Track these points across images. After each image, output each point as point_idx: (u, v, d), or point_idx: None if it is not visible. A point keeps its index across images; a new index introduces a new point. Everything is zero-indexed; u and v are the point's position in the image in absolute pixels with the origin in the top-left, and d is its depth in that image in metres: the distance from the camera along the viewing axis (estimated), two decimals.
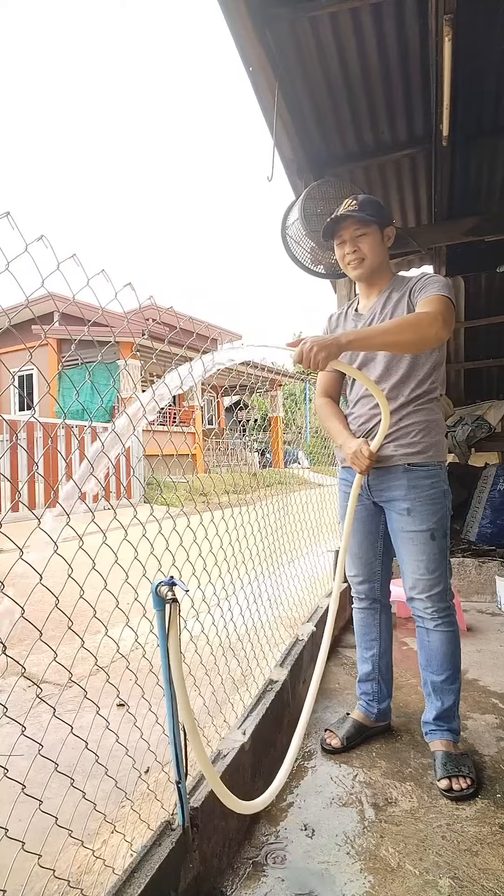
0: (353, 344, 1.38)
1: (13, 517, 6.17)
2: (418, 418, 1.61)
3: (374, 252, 1.65)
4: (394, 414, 1.62)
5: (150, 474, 9.75)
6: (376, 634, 1.82)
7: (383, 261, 1.68)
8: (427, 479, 1.60)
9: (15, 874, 1.10)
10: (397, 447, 1.61)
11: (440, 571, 1.60)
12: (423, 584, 1.61)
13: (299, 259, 2.84)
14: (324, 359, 1.33)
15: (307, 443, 9.76)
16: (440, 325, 1.43)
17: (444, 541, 1.61)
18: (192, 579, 1.25)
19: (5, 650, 0.83)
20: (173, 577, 0.99)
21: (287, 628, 2.32)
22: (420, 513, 1.60)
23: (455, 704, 1.63)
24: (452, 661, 1.63)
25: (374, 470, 1.65)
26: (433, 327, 1.43)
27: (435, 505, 1.60)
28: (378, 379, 1.65)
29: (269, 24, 2.24)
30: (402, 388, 1.62)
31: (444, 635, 1.62)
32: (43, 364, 11.81)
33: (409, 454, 1.60)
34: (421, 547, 1.60)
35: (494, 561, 3.37)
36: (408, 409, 1.62)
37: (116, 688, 1.13)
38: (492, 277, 4.73)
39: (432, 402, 1.64)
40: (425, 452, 1.60)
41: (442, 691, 1.62)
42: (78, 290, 0.90)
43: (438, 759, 1.56)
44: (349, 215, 1.61)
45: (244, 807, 1.14)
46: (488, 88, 2.83)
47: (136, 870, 0.94)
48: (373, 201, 1.66)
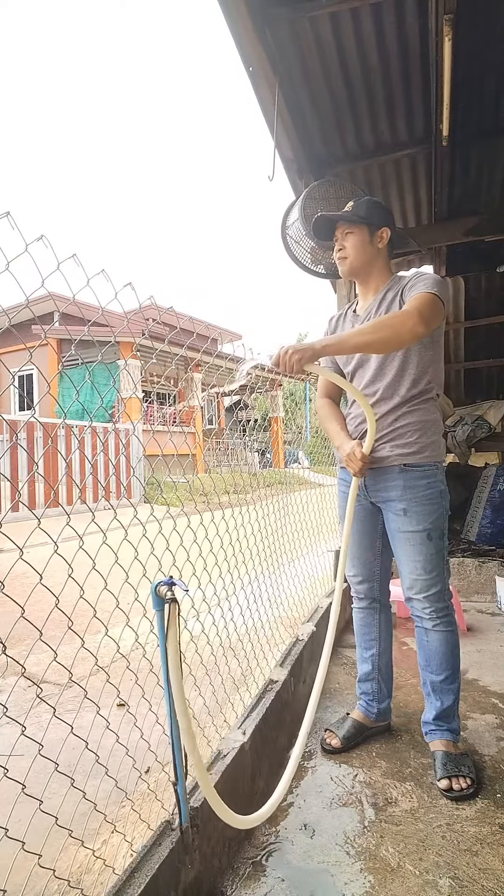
0: (328, 348, 1.43)
1: (13, 517, 6.17)
2: (414, 419, 1.60)
3: (356, 251, 1.66)
4: (389, 414, 1.62)
5: (151, 474, 9.75)
6: (376, 634, 1.82)
7: (370, 260, 1.68)
8: (423, 480, 1.59)
9: (15, 874, 1.10)
10: (393, 448, 1.61)
11: (437, 572, 1.60)
12: (421, 585, 1.61)
13: (299, 259, 2.84)
14: (297, 361, 1.39)
15: (307, 443, 9.76)
16: (416, 321, 1.42)
17: (441, 541, 1.61)
18: (193, 579, 1.25)
19: (5, 650, 0.83)
20: (173, 577, 0.99)
21: (287, 628, 2.32)
22: (416, 513, 1.59)
23: (455, 704, 1.63)
24: (451, 661, 1.62)
25: (371, 470, 1.65)
26: (408, 324, 1.43)
27: (431, 505, 1.59)
28: (372, 379, 1.65)
29: (269, 24, 2.24)
30: (397, 387, 1.62)
31: (443, 635, 1.62)
32: (43, 364, 11.82)
33: (404, 455, 1.60)
34: (418, 547, 1.60)
35: (494, 561, 3.37)
36: (403, 409, 1.61)
37: (116, 688, 1.13)
38: (492, 277, 4.73)
39: (428, 401, 1.62)
40: (421, 453, 1.59)
41: (441, 691, 1.62)
42: (78, 290, 0.90)
43: (438, 759, 1.56)
44: (340, 216, 1.67)
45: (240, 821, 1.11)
46: (488, 88, 2.83)
47: (136, 870, 0.94)
48: (368, 202, 1.68)
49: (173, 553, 1.23)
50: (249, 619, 1.83)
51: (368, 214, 1.65)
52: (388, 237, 1.68)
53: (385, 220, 1.68)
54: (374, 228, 1.66)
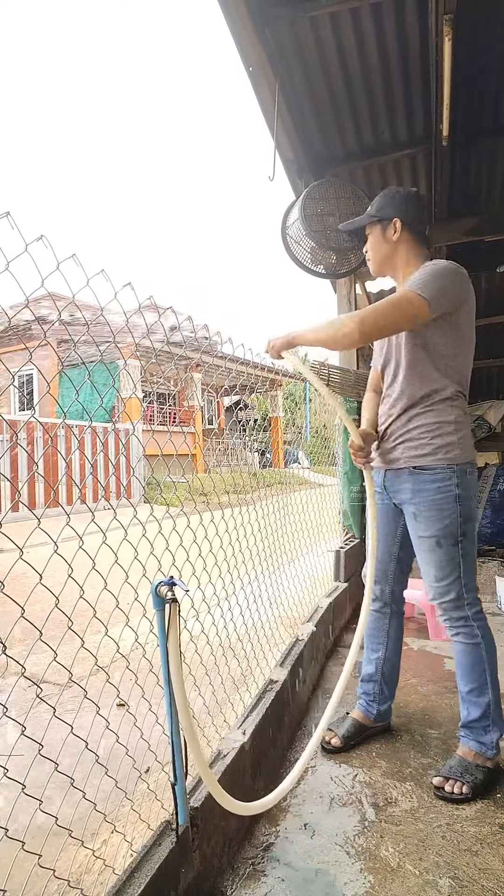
0: (297, 339, 1.54)
1: (13, 517, 6.17)
2: (426, 420, 1.54)
3: (373, 250, 1.67)
4: (403, 416, 1.60)
5: (150, 474, 9.75)
6: (383, 639, 1.78)
7: (388, 255, 1.64)
8: (432, 483, 1.53)
9: (15, 874, 1.10)
10: (404, 450, 1.58)
11: (450, 580, 1.54)
12: (434, 592, 1.58)
13: (299, 259, 2.84)
14: (273, 349, 1.57)
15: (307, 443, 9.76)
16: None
17: (455, 548, 1.53)
18: (192, 579, 1.25)
19: (5, 650, 0.83)
20: (173, 577, 0.99)
21: (287, 628, 2.32)
22: (426, 518, 1.55)
23: (485, 717, 1.53)
24: (475, 675, 1.54)
25: (389, 471, 1.65)
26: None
27: (442, 511, 1.52)
28: (392, 378, 1.63)
29: (269, 24, 2.24)
30: (408, 387, 1.57)
31: (463, 647, 1.56)
32: (43, 364, 11.81)
33: (413, 457, 1.56)
34: (428, 554, 1.56)
35: (494, 561, 3.38)
36: (415, 410, 1.56)
37: (116, 688, 1.13)
38: (492, 277, 4.73)
39: (444, 401, 1.53)
40: (432, 455, 1.53)
41: (468, 702, 1.56)
42: (78, 290, 0.90)
43: (451, 760, 1.55)
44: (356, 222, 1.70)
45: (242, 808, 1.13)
46: (488, 88, 2.83)
47: (136, 870, 0.94)
48: (381, 196, 1.66)
49: (173, 553, 1.23)
50: (249, 619, 1.82)
51: (379, 209, 1.63)
52: (400, 227, 1.61)
53: (396, 211, 1.62)
54: (385, 223, 1.63)
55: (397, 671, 1.82)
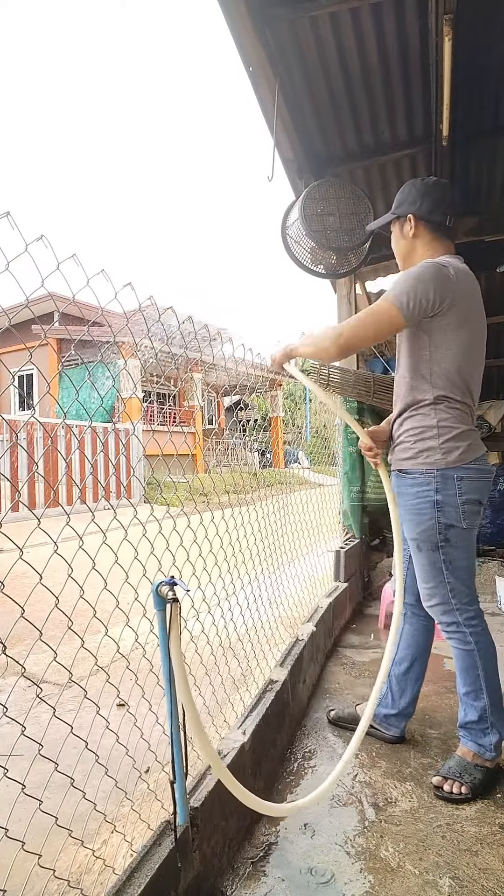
0: (294, 352, 1.57)
1: (13, 517, 6.17)
2: (411, 424, 1.56)
3: (395, 249, 1.67)
4: (397, 419, 1.62)
5: (150, 474, 9.76)
6: (398, 640, 1.75)
7: (408, 252, 1.61)
8: (412, 488, 1.53)
9: (15, 874, 1.10)
10: (396, 453, 1.62)
11: (432, 585, 1.54)
12: (422, 594, 1.60)
13: (299, 259, 2.84)
14: (275, 362, 1.62)
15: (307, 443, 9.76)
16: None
17: (435, 553, 1.51)
18: (193, 579, 1.25)
19: (5, 650, 0.83)
20: (174, 577, 0.99)
21: (287, 628, 2.32)
22: (407, 521, 1.57)
23: (482, 720, 1.52)
24: (469, 679, 1.54)
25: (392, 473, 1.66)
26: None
27: (420, 515, 1.51)
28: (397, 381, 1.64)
29: (269, 24, 2.24)
30: (401, 391, 1.59)
31: (456, 652, 1.56)
32: (43, 364, 11.82)
33: (399, 460, 1.59)
34: (414, 556, 1.59)
35: (494, 561, 3.38)
36: (406, 414, 1.58)
37: (116, 688, 1.13)
38: (492, 277, 4.73)
39: (427, 406, 1.51)
40: (413, 459, 1.53)
41: (464, 703, 1.57)
42: (78, 290, 0.90)
43: (450, 760, 1.55)
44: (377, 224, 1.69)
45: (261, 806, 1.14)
46: (488, 88, 2.83)
47: (136, 870, 0.94)
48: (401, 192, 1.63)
49: (173, 553, 1.23)
50: (249, 620, 1.82)
51: (396, 206, 1.62)
52: (414, 223, 1.57)
53: (410, 206, 1.58)
54: (402, 220, 1.61)
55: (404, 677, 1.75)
